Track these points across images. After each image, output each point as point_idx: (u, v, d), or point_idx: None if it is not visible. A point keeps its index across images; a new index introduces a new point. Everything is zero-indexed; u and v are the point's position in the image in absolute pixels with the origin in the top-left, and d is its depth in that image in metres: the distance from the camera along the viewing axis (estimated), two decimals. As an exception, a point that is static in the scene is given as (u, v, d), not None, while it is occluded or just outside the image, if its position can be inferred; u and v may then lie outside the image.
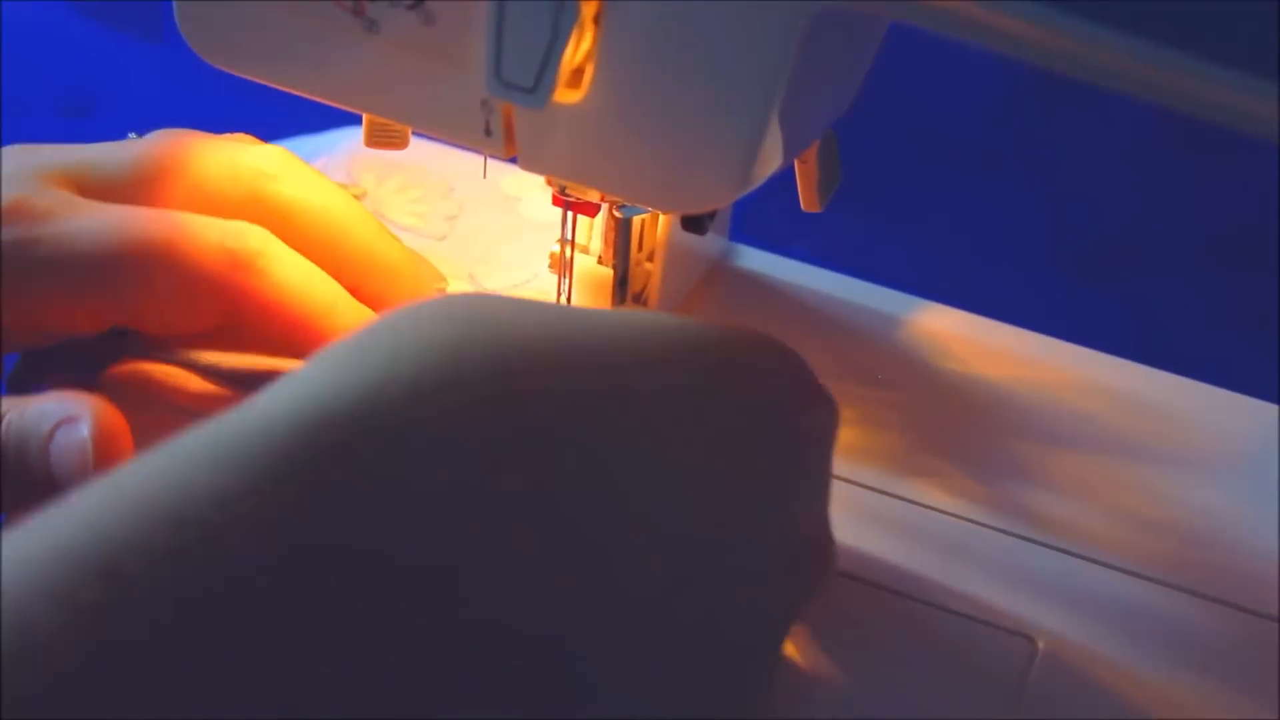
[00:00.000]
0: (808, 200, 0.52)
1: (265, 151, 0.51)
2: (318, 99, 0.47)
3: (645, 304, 0.55)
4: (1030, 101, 0.85)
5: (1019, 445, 0.54)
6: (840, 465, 0.52)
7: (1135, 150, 0.83)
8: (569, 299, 0.53)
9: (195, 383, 0.50)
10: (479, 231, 0.58)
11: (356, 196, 0.57)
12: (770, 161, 0.43)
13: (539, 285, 0.55)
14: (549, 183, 0.50)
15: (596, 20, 0.40)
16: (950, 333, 0.58)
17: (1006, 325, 0.58)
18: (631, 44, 0.40)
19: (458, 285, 0.55)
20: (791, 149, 0.44)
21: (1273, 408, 0.56)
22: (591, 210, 0.51)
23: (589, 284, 0.54)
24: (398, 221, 0.56)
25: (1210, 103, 0.36)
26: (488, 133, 0.43)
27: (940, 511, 0.51)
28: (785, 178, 0.48)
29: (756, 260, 0.60)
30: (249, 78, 0.48)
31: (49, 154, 0.50)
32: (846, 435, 0.53)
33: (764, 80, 0.41)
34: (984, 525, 0.51)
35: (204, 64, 0.47)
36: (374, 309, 0.50)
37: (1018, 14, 0.37)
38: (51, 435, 0.45)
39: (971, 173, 0.82)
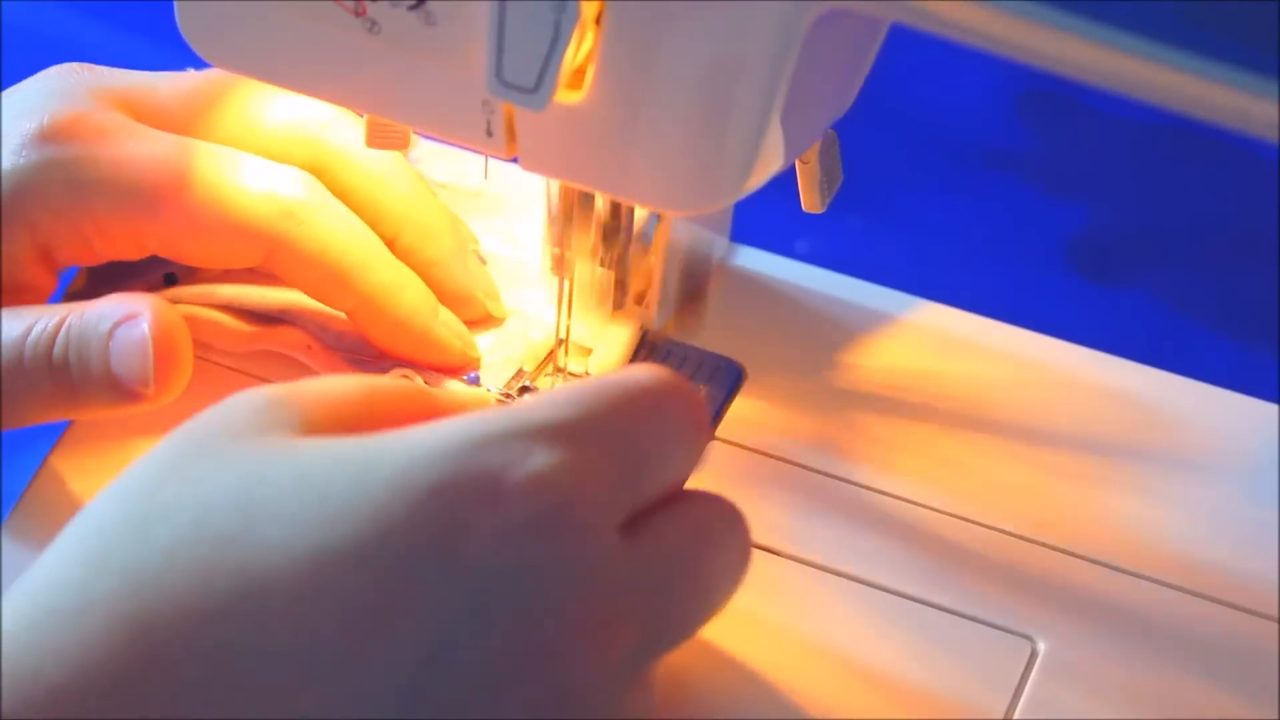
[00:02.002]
0: (808, 200, 0.52)
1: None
2: (318, 99, 0.47)
3: (646, 306, 0.55)
4: (1030, 101, 0.85)
5: (1018, 445, 0.54)
6: (840, 465, 0.52)
7: (1135, 150, 0.83)
8: (569, 301, 0.53)
9: (236, 326, 0.52)
10: (514, 189, 0.58)
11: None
12: (771, 162, 0.43)
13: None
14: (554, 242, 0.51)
15: (597, 21, 0.40)
16: (950, 333, 0.58)
17: (1006, 325, 0.58)
18: (632, 44, 0.40)
19: (496, 241, 0.57)
20: (792, 149, 0.44)
21: (1273, 408, 0.56)
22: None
23: (590, 286, 0.54)
24: (434, 178, 0.57)
25: (1210, 103, 0.36)
26: (489, 133, 0.43)
27: (940, 511, 0.51)
28: (785, 178, 0.48)
29: (756, 260, 0.60)
30: (250, 78, 0.48)
31: (105, 75, 0.51)
32: (846, 436, 0.53)
33: (764, 80, 0.41)
34: (984, 525, 0.51)
35: (205, 64, 0.47)
36: (408, 260, 0.51)
37: (1018, 15, 0.37)
38: (112, 334, 0.46)
39: (971, 173, 0.82)
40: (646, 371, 0.41)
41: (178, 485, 0.38)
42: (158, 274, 0.52)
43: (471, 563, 0.37)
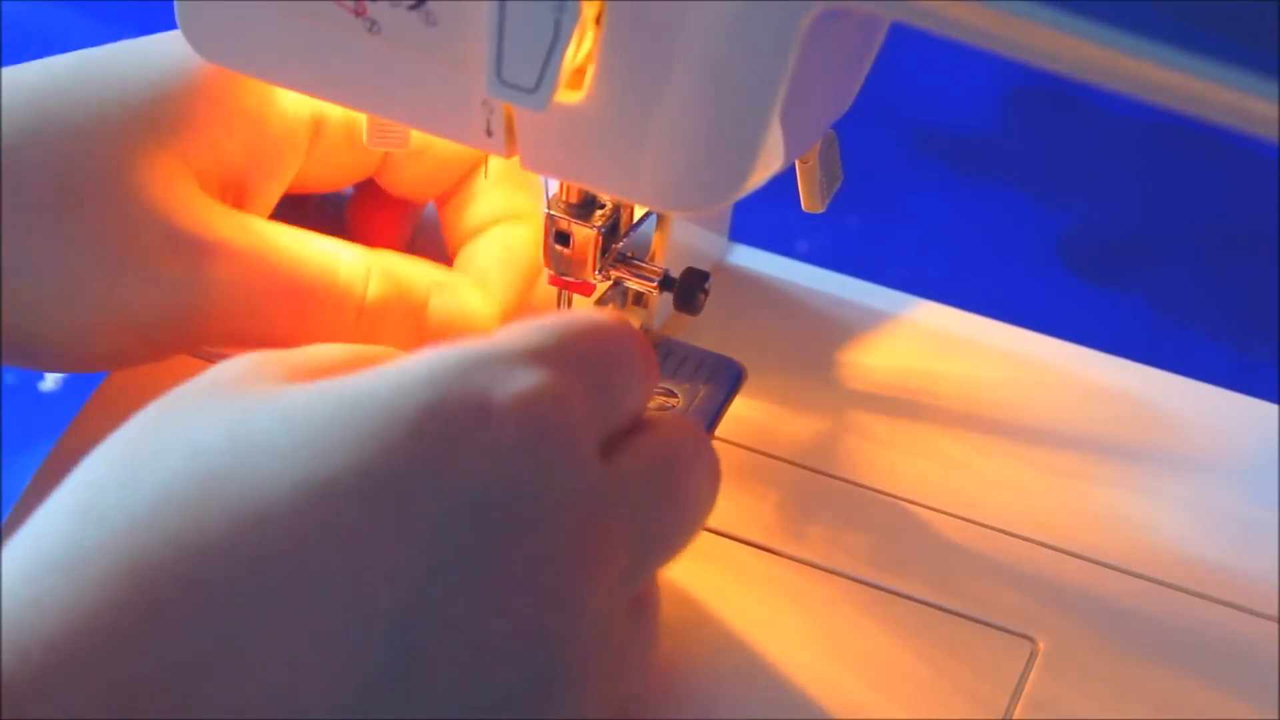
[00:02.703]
0: (808, 200, 0.52)
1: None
2: (318, 99, 0.47)
3: (645, 305, 0.55)
4: (1030, 101, 0.85)
5: (1018, 445, 0.54)
6: (839, 465, 0.52)
7: (1135, 150, 0.83)
8: (568, 301, 0.53)
9: None
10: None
11: None
12: (770, 162, 0.43)
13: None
14: (546, 263, 0.51)
15: (598, 20, 0.40)
16: (950, 332, 0.58)
17: (1006, 325, 0.58)
18: (632, 44, 0.40)
19: None
20: (792, 149, 0.44)
21: (1273, 408, 0.56)
22: (587, 290, 0.51)
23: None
24: None
25: (1210, 102, 0.36)
26: (489, 133, 0.43)
27: (939, 511, 0.51)
28: (785, 178, 0.48)
29: (756, 260, 0.60)
30: (250, 77, 0.48)
31: None
32: (846, 435, 0.53)
33: (764, 80, 0.41)
34: (984, 525, 0.51)
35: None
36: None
37: (1018, 15, 0.37)
38: None
39: (971, 173, 0.82)
40: (604, 312, 0.43)
41: (166, 432, 0.38)
42: None
43: (464, 483, 0.37)
